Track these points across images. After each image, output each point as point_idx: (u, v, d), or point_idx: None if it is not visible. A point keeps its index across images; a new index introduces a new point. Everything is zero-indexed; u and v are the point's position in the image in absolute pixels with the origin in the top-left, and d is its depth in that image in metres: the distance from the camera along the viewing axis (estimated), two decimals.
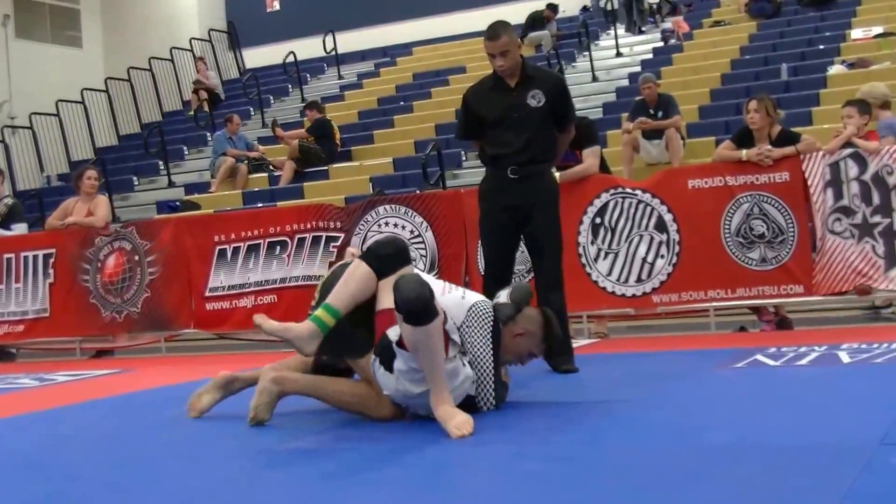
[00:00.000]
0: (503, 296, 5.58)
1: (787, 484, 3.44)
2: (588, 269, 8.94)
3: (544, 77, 6.91)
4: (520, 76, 6.71)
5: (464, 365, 5.00)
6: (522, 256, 9.11)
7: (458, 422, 4.59)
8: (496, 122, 6.74)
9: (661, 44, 19.11)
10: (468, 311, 5.14)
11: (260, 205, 14.54)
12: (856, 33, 16.52)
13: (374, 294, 4.99)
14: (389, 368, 4.85)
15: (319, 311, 4.95)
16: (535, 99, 6.66)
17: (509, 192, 6.71)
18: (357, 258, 5.10)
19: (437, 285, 5.25)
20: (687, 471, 3.74)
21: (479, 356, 5.09)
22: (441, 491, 3.77)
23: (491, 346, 5.11)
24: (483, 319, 5.12)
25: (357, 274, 4.96)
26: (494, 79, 6.81)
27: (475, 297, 5.27)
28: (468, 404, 5.05)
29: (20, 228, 12.49)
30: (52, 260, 10.88)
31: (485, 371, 5.11)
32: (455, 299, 5.18)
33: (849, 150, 8.51)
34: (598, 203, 8.92)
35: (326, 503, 3.66)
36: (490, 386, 5.13)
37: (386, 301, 4.87)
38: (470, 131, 7.04)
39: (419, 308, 4.54)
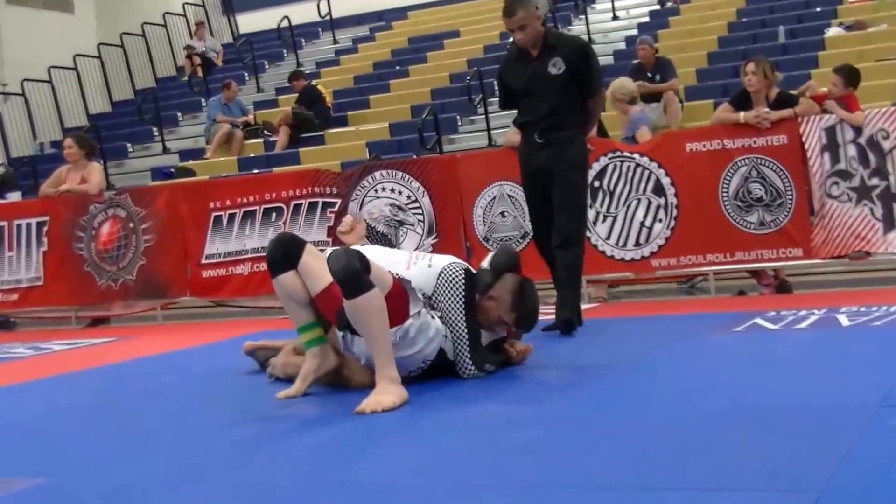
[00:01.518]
0: (486, 261, 5.57)
1: (786, 446, 3.45)
2: (587, 232, 8.87)
3: (564, 43, 7.05)
4: (541, 46, 6.88)
5: (433, 318, 5.06)
6: (516, 222, 9.14)
7: (377, 400, 4.55)
8: (522, 92, 6.98)
9: (657, 7, 18.99)
10: (437, 277, 5.16)
11: (255, 171, 14.47)
12: None
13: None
14: (357, 334, 4.94)
15: (302, 337, 5.12)
16: (556, 67, 6.83)
17: (536, 157, 6.92)
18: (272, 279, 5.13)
19: (402, 258, 5.33)
20: (686, 434, 3.76)
21: (452, 322, 5.12)
22: (439, 457, 3.76)
23: (463, 310, 5.12)
24: (453, 284, 5.14)
25: (285, 287, 5.04)
26: (518, 50, 7.05)
27: (443, 261, 5.28)
28: (444, 363, 5.12)
29: (14, 196, 12.44)
30: (45, 228, 10.81)
31: (459, 337, 5.13)
32: (421, 269, 5.22)
33: (844, 113, 8.49)
34: (596, 167, 8.85)
35: (324, 472, 3.64)
36: (465, 352, 5.14)
37: (314, 284, 4.98)
38: (507, 102, 7.35)
39: (345, 278, 4.61)
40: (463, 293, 5.12)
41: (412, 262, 5.27)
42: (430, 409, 4.61)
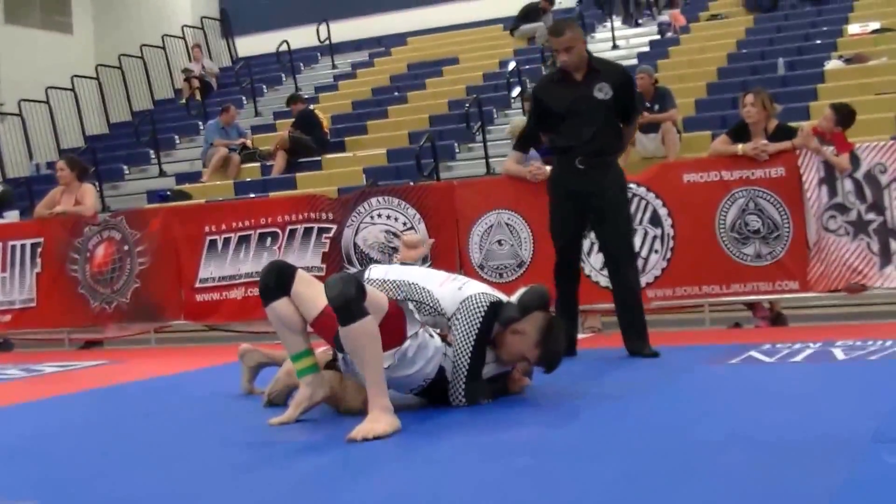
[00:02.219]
0: (515, 296, 5.54)
1: (779, 479, 3.44)
2: (581, 262, 8.86)
3: (611, 70, 7.12)
4: (586, 70, 6.92)
5: (431, 336, 5.06)
6: (512, 250, 9.11)
7: (369, 427, 4.52)
8: (564, 114, 6.94)
9: (657, 36, 19.02)
10: (461, 303, 5.17)
11: (252, 195, 14.43)
12: (853, 28, 16.45)
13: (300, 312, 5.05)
14: None
15: (296, 365, 5.09)
16: (602, 91, 6.87)
17: (577, 181, 6.93)
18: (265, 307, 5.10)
19: (438, 277, 5.40)
20: (679, 466, 3.75)
21: (458, 349, 5.12)
22: (433, 484, 3.74)
23: (473, 340, 5.11)
24: (472, 313, 5.14)
25: (279, 314, 5.01)
26: (561, 73, 7.05)
27: (473, 289, 5.29)
28: (442, 381, 5.12)
29: (11, 216, 12.41)
30: (39, 249, 10.79)
31: (459, 365, 5.12)
32: (452, 290, 5.25)
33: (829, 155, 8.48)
34: None
35: (318, 497, 3.62)
36: (461, 381, 5.14)
37: (310, 309, 4.96)
38: (540, 124, 7.29)
39: (340, 305, 4.59)
40: (479, 324, 5.12)
41: (446, 282, 5.32)
42: (425, 436, 4.60)
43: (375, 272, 5.43)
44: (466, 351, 5.10)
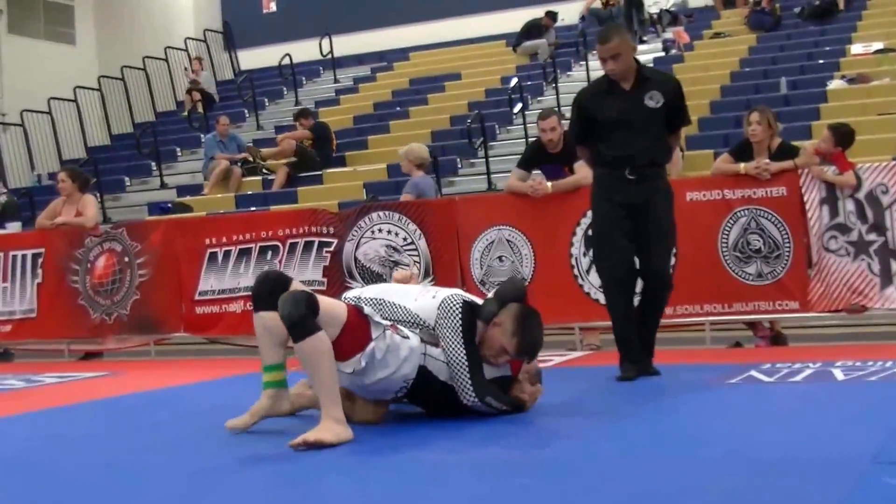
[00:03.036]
0: (491, 293, 5.56)
1: (779, 500, 3.44)
2: (580, 280, 8.87)
3: (662, 79, 6.92)
4: (635, 78, 6.69)
5: (406, 337, 5.09)
6: (513, 266, 9.07)
7: (316, 436, 4.65)
8: (614, 124, 6.68)
9: (661, 54, 19.01)
10: (437, 308, 5.23)
11: (253, 208, 14.45)
12: (856, 48, 16.48)
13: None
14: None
15: (266, 376, 5.17)
16: (654, 100, 6.64)
17: (626, 192, 6.68)
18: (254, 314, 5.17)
19: (412, 292, 5.45)
20: (679, 485, 3.74)
21: (450, 349, 5.15)
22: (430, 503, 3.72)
23: (460, 336, 5.15)
24: (450, 312, 5.19)
25: (266, 323, 5.06)
26: (609, 82, 6.79)
27: (445, 293, 5.37)
28: (427, 381, 5.15)
29: (14, 227, 12.40)
30: (40, 260, 10.79)
31: (457, 363, 5.15)
32: (427, 301, 5.32)
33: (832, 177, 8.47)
34: (591, 214, 8.82)
35: None
36: (465, 377, 5.15)
37: None
38: (585, 135, 6.95)
39: (291, 323, 4.73)
40: (460, 320, 5.16)
41: (420, 295, 5.37)
42: (420, 450, 4.61)
43: (350, 295, 5.48)
44: (458, 347, 5.13)
